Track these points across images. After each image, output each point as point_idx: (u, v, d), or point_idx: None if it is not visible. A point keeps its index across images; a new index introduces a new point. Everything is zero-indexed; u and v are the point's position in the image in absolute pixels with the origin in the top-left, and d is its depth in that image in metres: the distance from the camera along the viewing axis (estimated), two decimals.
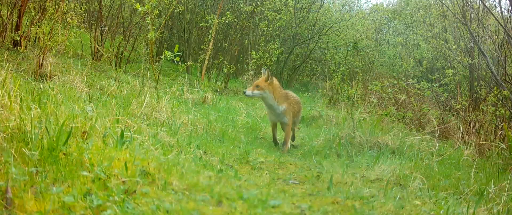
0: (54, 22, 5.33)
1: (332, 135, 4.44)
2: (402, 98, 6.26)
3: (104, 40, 6.99)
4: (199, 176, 2.41)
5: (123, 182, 2.06)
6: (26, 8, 5.37)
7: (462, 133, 5.28)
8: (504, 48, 5.79)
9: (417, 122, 5.81)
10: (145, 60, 5.48)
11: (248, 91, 4.08)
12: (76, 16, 5.57)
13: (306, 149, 4.22)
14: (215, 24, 7.81)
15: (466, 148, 4.58)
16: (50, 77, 4.53)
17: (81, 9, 6.23)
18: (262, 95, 4.10)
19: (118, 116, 3.14)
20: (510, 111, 5.06)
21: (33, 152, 2.08)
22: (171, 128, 3.65)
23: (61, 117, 2.57)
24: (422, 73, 10.98)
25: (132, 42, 7.78)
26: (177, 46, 4.07)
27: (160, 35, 8.36)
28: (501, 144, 4.29)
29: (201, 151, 3.20)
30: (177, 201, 2.03)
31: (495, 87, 5.35)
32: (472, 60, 7.45)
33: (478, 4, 7.30)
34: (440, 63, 9.81)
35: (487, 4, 7.45)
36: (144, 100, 3.98)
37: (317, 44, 10.99)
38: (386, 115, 5.23)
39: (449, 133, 5.72)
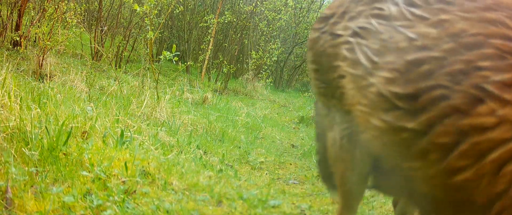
0: (53, 22, 5.32)
1: None
2: None
3: (104, 40, 6.99)
4: (199, 176, 2.41)
5: (123, 182, 2.06)
6: (26, 8, 5.37)
7: None
8: None
9: None
10: (145, 60, 5.50)
11: None
12: (75, 16, 5.57)
13: (306, 149, 4.21)
14: (215, 24, 7.81)
15: None
16: (50, 77, 4.52)
17: (80, 8, 6.23)
18: None
19: (118, 116, 3.14)
20: None
21: (33, 152, 2.08)
22: (171, 128, 3.65)
23: (61, 117, 2.57)
24: None
25: (132, 42, 7.78)
26: (174, 46, 4.07)
27: (160, 35, 8.36)
28: None
29: (201, 151, 3.20)
30: (177, 201, 2.02)
31: None
32: None
33: None
34: None
35: None
36: (144, 100, 3.98)
37: None
38: None
39: None
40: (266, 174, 3.15)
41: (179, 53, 3.98)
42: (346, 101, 1.30)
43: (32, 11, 5.40)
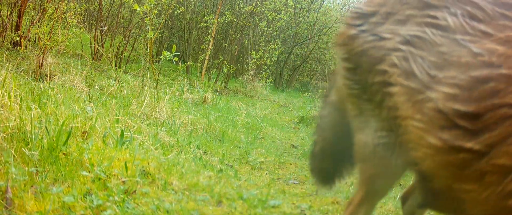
0: (53, 22, 5.33)
1: None
2: None
3: (104, 40, 6.99)
4: (199, 176, 2.41)
5: (123, 182, 2.06)
6: (26, 8, 5.37)
7: None
8: None
9: None
10: (145, 60, 5.49)
11: None
12: (75, 16, 5.57)
13: (306, 149, 4.21)
14: (215, 24, 7.81)
15: None
16: (50, 77, 4.52)
17: (80, 8, 6.23)
18: None
19: (118, 116, 3.14)
20: None
21: (33, 152, 2.08)
22: (171, 128, 3.65)
23: (61, 117, 2.57)
24: None
25: (132, 42, 7.78)
26: (174, 46, 4.08)
27: (160, 35, 8.36)
28: None
29: (201, 151, 3.20)
30: (177, 201, 2.02)
31: None
32: None
33: None
34: None
35: None
36: (144, 100, 3.98)
37: (317, 44, 10.99)
38: None
39: None
40: (266, 174, 3.15)
41: (179, 53, 3.99)
42: (395, 113, 1.20)
43: (32, 11, 5.40)
